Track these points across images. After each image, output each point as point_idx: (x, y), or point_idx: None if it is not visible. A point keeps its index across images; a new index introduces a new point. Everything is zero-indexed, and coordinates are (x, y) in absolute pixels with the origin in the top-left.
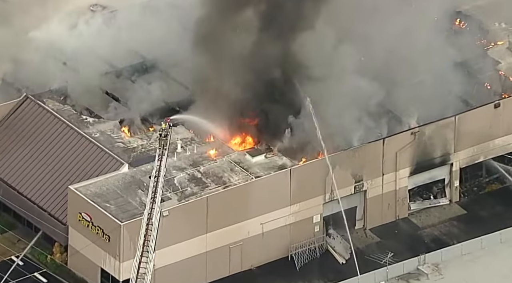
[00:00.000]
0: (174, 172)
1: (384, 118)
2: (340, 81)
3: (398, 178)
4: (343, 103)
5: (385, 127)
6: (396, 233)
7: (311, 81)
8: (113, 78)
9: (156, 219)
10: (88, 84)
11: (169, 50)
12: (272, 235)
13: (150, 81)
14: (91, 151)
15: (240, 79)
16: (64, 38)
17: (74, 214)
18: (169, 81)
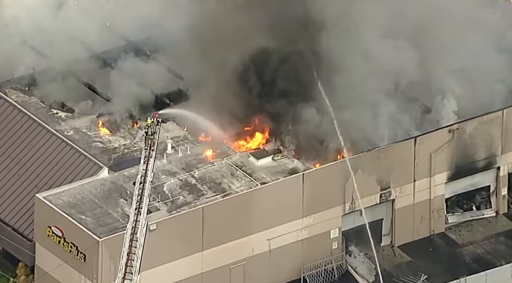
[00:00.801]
0: (164, 177)
1: (416, 112)
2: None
3: (433, 185)
4: (365, 89)
5: (417, 123)
6: (430, 251)
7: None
8: (90, 64)
9: (141, 233)
10: (59, 72)
11: (159, 30)
12: (281, 253)
13: (135, 68)
14: (63, 152)
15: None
16: (33, 15)
17: (42, 228)
18: (158, 68)
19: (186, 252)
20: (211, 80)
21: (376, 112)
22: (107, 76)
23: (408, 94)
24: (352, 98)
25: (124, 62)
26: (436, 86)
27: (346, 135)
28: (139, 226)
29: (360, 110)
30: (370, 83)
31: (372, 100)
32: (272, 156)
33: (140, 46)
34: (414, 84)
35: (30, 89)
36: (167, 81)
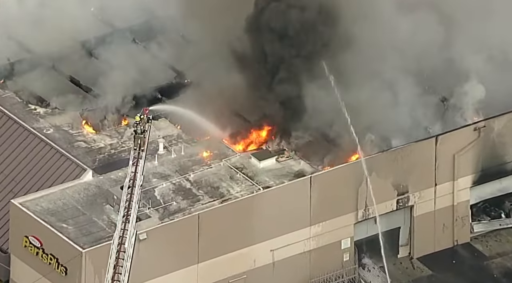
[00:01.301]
0: (155, 181)
1: (437, 107)
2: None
3: (457, 189)
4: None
5: (438, 120)
6: (454, 263)
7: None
8: (73, 54)
9: (130, 244)
10: (38, 62)
11: (149, 15)
12: (286, 265)
13: (122, 58)
14: (41, 153)
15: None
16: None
17: (18, 238)
18: (148, 58)
19: (180, 264)
20: (208, 71)
21: (393, 102)
22: (92, 67)
23: (429, 81)
24: (367, 85)
25: (111, 52)
26: (461, 68)
27: (360, 133)
28: (127, 236)
29: (375, 100)
30: (388, 63)
31: (389, 115)
32: (276, 157)
33: (129, 32)
34: (436, 67)
35: (5, 82)
36: (159, 73)
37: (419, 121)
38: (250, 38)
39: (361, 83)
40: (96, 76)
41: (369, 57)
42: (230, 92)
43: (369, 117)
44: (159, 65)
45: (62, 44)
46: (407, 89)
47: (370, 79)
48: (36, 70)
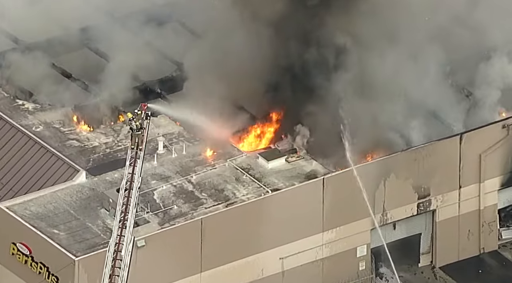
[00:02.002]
0: (154, 183)
1: (460, 103)
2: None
3: (483, 192)
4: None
5: (461, 117)
6: (480, 273)
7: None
8: (65, 45)
9: (127, 251)
10: (27, 54)
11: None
12: (296, 274)
13: (119, 49)
14: (31, 152)
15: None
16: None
17: (5, 245)
18: (146, 49)
19: (181, 274)
20: (212, 62)
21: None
22: (85, 58)
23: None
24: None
25: (105, 42)
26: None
27: (375, 130)
28: (124, 243)
29: (391, 96)
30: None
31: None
32: (285, 157)
33: (125, 21)
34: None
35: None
36: (159, 65)
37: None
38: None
39: (383, 48)
40: (90, 68)
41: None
42: (235, 84)
43: (390, 86)
44: (159, 56)
45: (54, 33)
46: (432, 59)
47: (393, 46)
48: (24, 62)
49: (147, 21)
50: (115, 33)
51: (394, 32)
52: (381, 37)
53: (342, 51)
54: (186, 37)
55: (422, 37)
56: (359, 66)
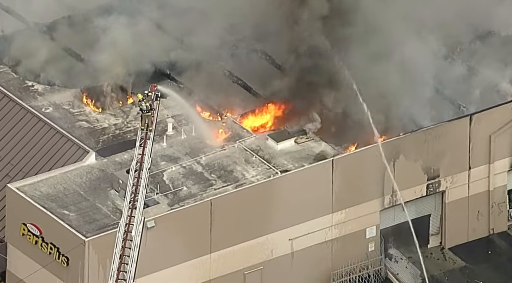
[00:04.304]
0: (163, 164)
1: (471, 83)
2: None
3: (493, 173)
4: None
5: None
6: (490, 254)
7: None
8: (73, 25)
9: (137, 232)
10: (34, 35)
11: None
12: (305, 256)
13: (128, 30)
14: (40, 133)
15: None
16: None
17: (16, 226)
18: (156, 30)
19: (190, 254)
20: (223, 45)
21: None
22: (93, 39)
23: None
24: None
25: (115, 22)
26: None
27: (384, 112)
28: (134, 223)
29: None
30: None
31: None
32: (295, 138)
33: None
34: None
35: (0, 56)
36: (168, 47)
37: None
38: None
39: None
40: (98, 49)
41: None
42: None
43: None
44: (167, 38)
45: (60, 14)
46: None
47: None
48: (33, 43)
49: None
50: (123, 14)
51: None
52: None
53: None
54: (196, 18)
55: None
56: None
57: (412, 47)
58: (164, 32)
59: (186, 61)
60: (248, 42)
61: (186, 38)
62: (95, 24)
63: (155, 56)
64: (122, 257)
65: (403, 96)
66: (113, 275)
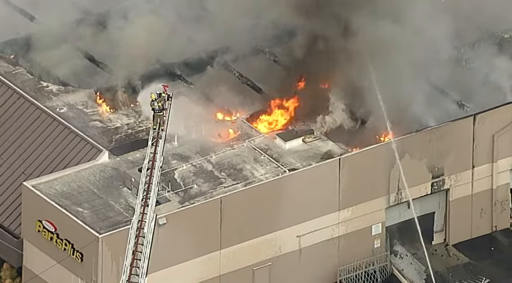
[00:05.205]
0: (175, 162)
1: (475, 84)
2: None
3: (496, 172)
4: (413, 56)
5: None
6: (492, 251)
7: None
8: (87, 27)
9: (149, 229)
10: (50, 36)
11: None
12: (313, 252)
13: (140, 31)
14: (55, 132)
15: None
16: None
17: (31, 222)
18: (168, 31)
19: (201, 251)
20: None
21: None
22: (105, 40)
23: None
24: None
25: (127, 24)
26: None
27: (391, 111)
28: (146, 220)
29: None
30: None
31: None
32: (302, 137)
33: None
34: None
35: (16, 58)
36: (180, 47)
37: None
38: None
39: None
40: (111, 50)
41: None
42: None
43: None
44: (179, 38)
45: (74, 16)
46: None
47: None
48: (48, 45)
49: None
50: (135, 15)
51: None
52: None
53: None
54: (206, 20)
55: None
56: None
57: (418, 47)
58: (174, 33)
59: (197, 62)
60: (257, 43)
61: (196, 39)
62: (109, 26)
63: (166, 57)
64: (135, 253)
65: (409, 96)
66: (126, 271)
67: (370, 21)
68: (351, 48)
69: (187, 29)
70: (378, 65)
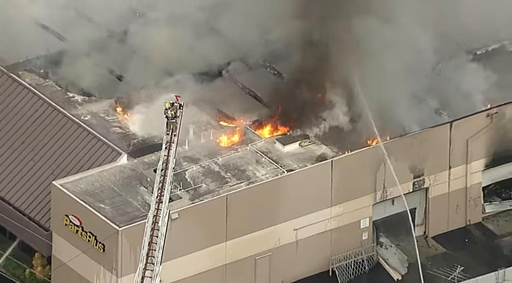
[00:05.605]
0: (186, 164)
1: (450, 96)
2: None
3: (470, 172)
4: (397, 69)
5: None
6: (466, 242)
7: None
8: (108, 43)
9: (163, 223)
10: (75, 53)
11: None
12: (308, 243)
13: (156, 44)
14: (80, 137)
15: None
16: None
17: (59, 217)
18: (183, 46)
19: (209, 242)
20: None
21: (409, 106)
22: (126, 55)
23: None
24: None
25: (146, 38)
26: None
27: (377, 118)
28: (161, 215)
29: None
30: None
31: (405, 103)
32: (299, 142)
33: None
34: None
35: (45, 72)
36: (194, 60)
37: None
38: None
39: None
40: (129, 62)
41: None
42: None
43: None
44: (192, 53)
45: (97, 34)
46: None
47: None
48: (74, 60)
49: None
50: (153, 29)
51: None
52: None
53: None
54: (216, 37)
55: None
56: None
57: (405, 58)
58: (188, 48)
59: (207, 74)
60: (259, 58)
61: (207, 54)
62: (128, 43)
63: (179, 70)
64: (151, 244)
65: (394, 104)
66: (143, 260)
67: (359, 21)
68: (341, 57)
69: (200, 46)
70: (364, 76)
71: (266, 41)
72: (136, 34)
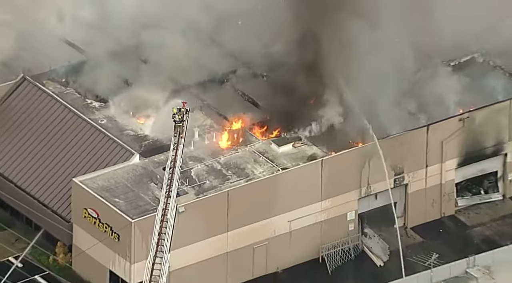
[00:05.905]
0: (191, 163)
1: (426, 101)
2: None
3: (444, 170)
4: (381, 79)
5: (427, 112)
6: (441, 232)
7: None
8: (122, 54)
9: (171, 215)
10: (93, 64)
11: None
12: (301, 234)
13: (162, 57)
14: (97, 139)
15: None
16: (70, 11)
17: (79, 210)
18: (192, 57)
19: (212, 232)
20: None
21: (390, 111)
22: (139, 67)
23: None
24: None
25: (152, 52)
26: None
27: (360, 124)
28: (169, 209)
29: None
30: (383, 95)
31: (387, 109)
32: (292, 143)
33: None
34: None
35: (66, 80)
36: (200, 70)
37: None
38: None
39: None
40: (142, 74)
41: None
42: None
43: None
44: (199, 63)
45: (114, 47)
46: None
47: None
48: (92, 70)
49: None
50: (161, 47)
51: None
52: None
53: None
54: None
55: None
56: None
57: (387, 65)
58: (195, 59)
59: (210, 83)
60: (257, 67)
61: (211, 65)
62: (138, 54)
63: (186, 79)
64: (160, 234)
65: (377, 109)
66: (153, 248)
67: (347, 21)
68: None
69: (205, 56)
70: (352, 79)
71: (265, 53)
72: (147, 46)
